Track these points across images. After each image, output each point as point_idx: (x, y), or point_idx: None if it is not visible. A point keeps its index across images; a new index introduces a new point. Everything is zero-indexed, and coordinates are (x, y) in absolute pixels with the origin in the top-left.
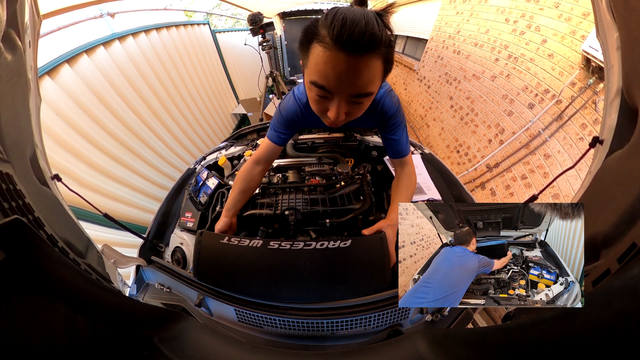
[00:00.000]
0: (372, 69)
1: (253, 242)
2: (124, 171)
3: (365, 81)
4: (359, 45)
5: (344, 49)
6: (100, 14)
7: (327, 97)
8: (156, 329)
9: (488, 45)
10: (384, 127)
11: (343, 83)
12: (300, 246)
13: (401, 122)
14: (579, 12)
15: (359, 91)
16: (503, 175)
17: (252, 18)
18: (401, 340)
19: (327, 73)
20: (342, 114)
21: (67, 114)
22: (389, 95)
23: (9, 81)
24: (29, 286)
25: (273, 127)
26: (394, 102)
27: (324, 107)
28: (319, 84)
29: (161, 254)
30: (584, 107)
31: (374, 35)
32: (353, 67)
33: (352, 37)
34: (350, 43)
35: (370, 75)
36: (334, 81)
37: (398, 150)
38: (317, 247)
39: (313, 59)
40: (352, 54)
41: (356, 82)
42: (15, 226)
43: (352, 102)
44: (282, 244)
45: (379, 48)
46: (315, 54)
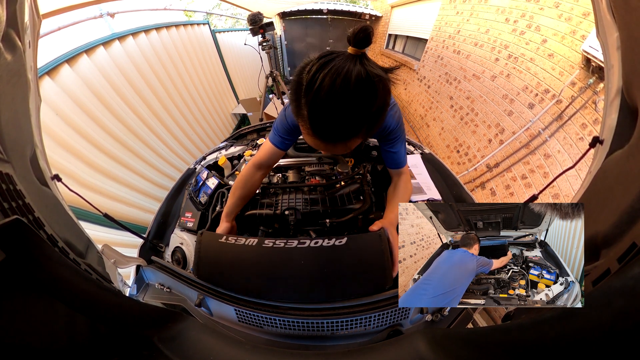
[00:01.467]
0: (352, 143)
1: (249, 240)
2: (124, 171)
3: (346, 150)
4: (333, 138)
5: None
6: (100, 14)
7: None
8: (156, 329)
9: (488, 45)
10: (384, 140)
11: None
12: (295, 244)
13: (400, 136)
14: (579, 12)
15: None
16: (503, 175)
17: (252, 18)
18: (401, 340)
19: (310, 143)
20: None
21: (67, 114)
22: (390, 112)
23: (8, 81)
24: (29, 286)
25: (277, 132)
26: (395, 119)
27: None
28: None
29: (161, 254)
30: (584, 107)
31: (351, 128)
32: (331, 146)
33: (325, 130)
34: (324, 136)
35: (350, 147)
36: (317, 148)
37: (396, 162)
38: (312, 245)
39: (300, 127)
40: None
41: (337, 151)
42: (15, 226)
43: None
44: (277, 242)
45: (359, 133)
46: (301, 126)
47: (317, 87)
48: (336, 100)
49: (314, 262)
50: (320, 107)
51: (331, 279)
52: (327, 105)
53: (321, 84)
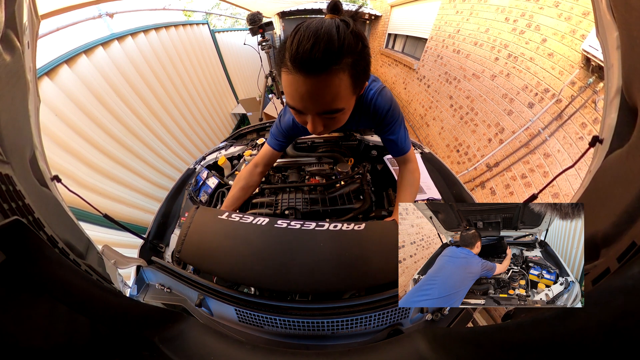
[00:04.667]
0: (336, 84)
1: (258, 220)
2: (124, 172)
3: (330, 98)
4: (314, 64)
5: (301, 70)
6: (99, 14)
7: (302, 114)
8: (157, 329)
9: (488, 45)
10: (381, 127)
11: (308, 103)
12: (312, 226)
13: (397, 118)
14: (579, 11)
15: (326, 108)
16: (503, 175)
17: (251, 18)
18: (401, 339)
19: (293, 95)
20: (318, 127)
21: (67, 115)
22: (380, 95)
23: (7, 82)
24: (29, 287)
25: (273, 135)
26: (386, 100)
27: (302, 121)
28: (291, 106)
29: (161, 254)
30: (584, 107)
31: (331, 51)
32: (314, 87)
33: (306, 56)
34: (305, 64)
35: (334, 91)
36: (300, 102)
37: (399, 148)
38: (331, 228)
39: (283, 82)
40: (310, 75)
41: (321, 100)
42: (15, 227)
43: (326, 118)
44: (292, 223)
45: (340, 61)
46: (283, 77)
47: (298, 29)
48: (314, 30)
49: (333, 246)
50: (299, 38)
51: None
52: (305, 34)
53: (301, 27)
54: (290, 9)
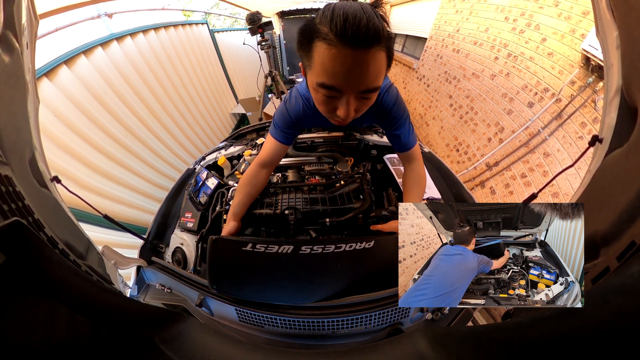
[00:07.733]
0: (379, 61)
1: (282, 248)
2: (124, 172)
3: (374, 75)
4: (365, 38)
5: (350, 44)
6: (98, 14)
7: (336, 97)
8: (157, 330)
9: (487, 44)
10: (386, 122)
11: (352, 79)
12: (332, 249)
13: (402, 114)
14: (579, 11)
15: (368, 86)
16: (503, 174)
17: (250, 17)
18: (402, 338)
19: (335, 71)
20: (352, 111)
21: (66, 115)
22: (387, 91)
23: (6, 83)
24: (29, 288)
25: (279, 127)
26: (392, 96)
27: (332, 107)
28: (327, 85)
29: (161, 254)
30: (584, 106)
31: (377, 28)
32: (361, 61)
33: (357, 31)
34: (355, 37)
35: (378, 68)
36: (343, 79)
37: (403, 143)
38: (347, 249)
39: (318, 58)
40: (359, 48)
41: (365, 76)
42: (15, 228)
43: (361, 98)
44: (314, 248)
45: (383, 40)
46: (320, 52)
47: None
48: (357, 8)
49: (350, 264)
50: (342, 12)
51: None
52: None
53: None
54: (290, 8)
